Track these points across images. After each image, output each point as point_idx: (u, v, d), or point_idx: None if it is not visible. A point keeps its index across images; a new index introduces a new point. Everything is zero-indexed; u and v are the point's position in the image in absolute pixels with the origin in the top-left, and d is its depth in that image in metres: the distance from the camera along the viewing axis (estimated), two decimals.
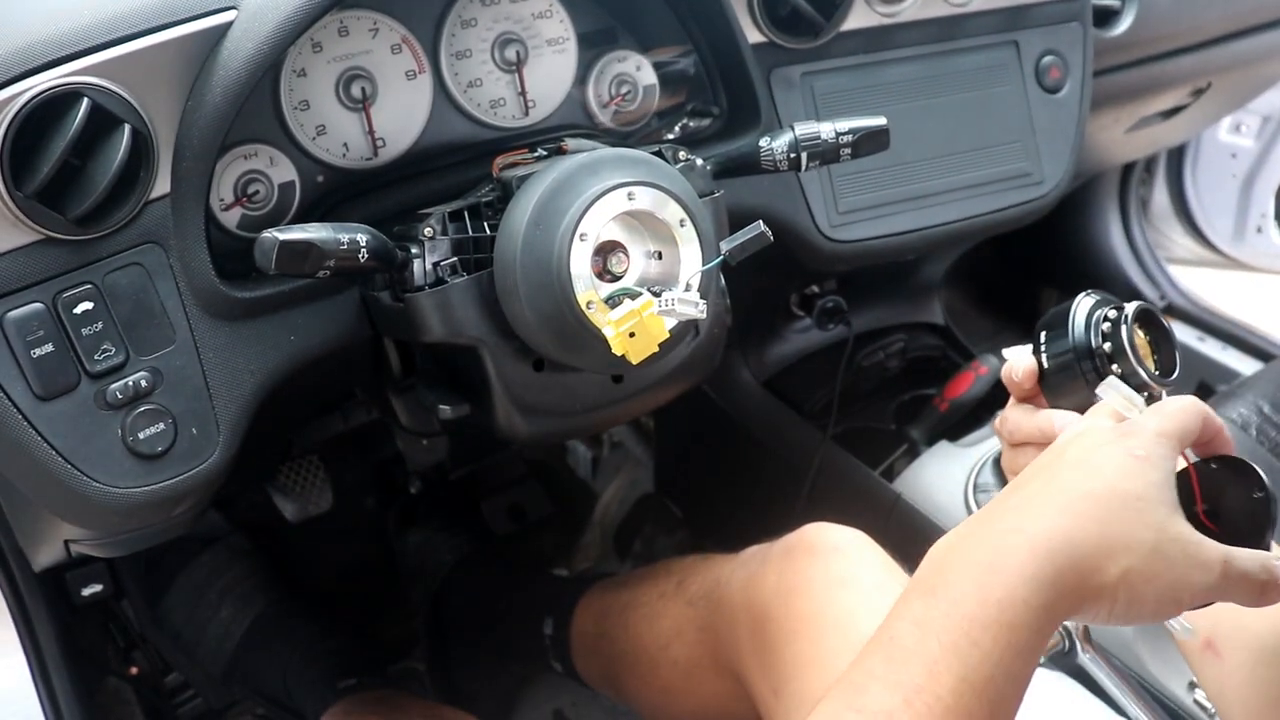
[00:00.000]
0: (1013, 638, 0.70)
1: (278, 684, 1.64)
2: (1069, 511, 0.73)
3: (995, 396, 1.62)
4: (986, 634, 0.70)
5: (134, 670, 1.71)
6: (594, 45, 1.23)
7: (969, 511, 1.41)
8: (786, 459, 1.71)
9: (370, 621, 1.87)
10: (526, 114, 1.20)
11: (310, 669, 1.61)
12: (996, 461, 1.44)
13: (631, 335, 0.89)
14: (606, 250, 0.96)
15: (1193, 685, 1.23)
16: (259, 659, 1.66)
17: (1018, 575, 0.71)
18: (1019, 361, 0.93)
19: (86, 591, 1.47)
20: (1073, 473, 0.75)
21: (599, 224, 0.93)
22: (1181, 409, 0.78)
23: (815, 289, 1.72)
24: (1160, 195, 2.44)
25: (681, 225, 0.96)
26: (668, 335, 0.91)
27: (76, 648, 1.56)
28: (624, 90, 1.24)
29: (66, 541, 1.15)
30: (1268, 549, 0.75)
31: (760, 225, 0.92)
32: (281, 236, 0.89)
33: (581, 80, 1.22)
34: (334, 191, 1.12)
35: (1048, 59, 1.42)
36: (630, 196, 0.94)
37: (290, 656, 1.64)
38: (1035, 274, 2.36)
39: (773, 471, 1.74)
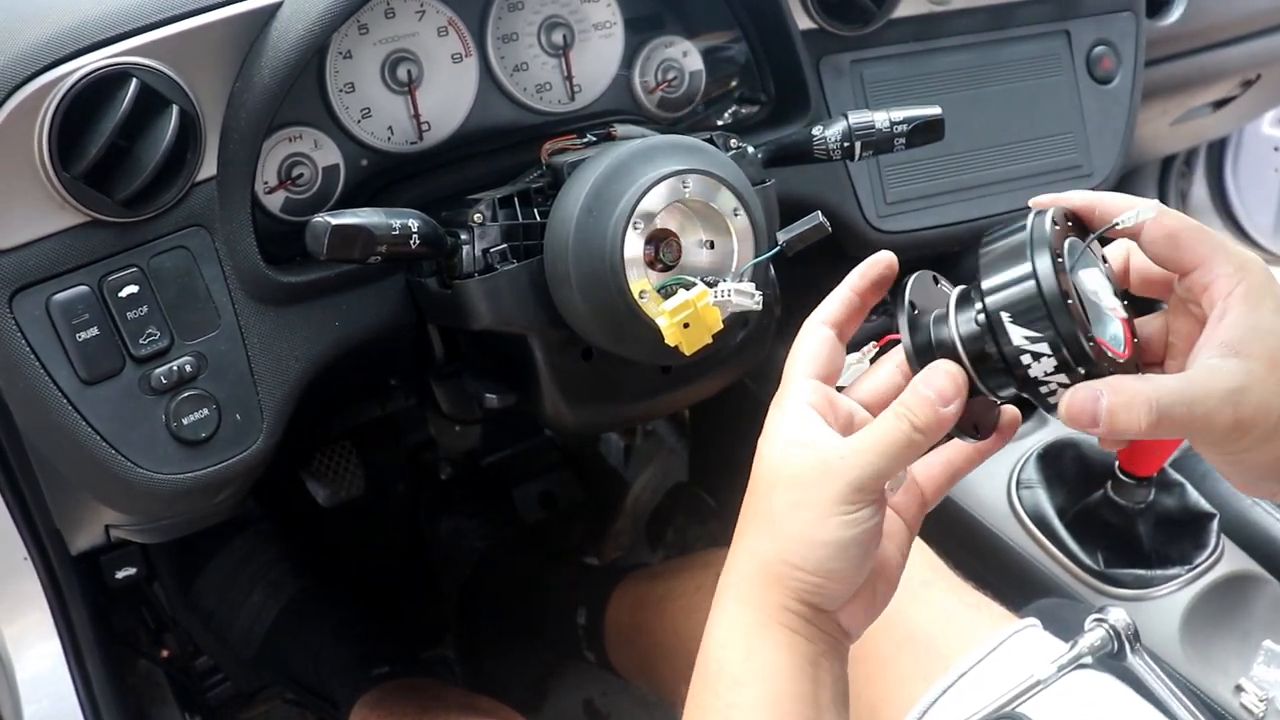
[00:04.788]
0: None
1: (308, 669, 1.64)
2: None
3: None
4: None
5: (165, 653, 1.71)
6: (641, 30, 1.21)
7: (1011, 507, 1.40)
8: None
9: (401, 608, 1.87)
10: (572, 99, 1.19)
11: (341, 655, 1.60)
12: (1040, 457, 1.42)
13: (686, 326, 0.88)
14: (658, 239, 0.95)
15: (1239, 688, 1.21)
16: (290, 644, 1.65)
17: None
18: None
19: (120, 574, 1.45)
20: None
21: (653, 213, 0.92)
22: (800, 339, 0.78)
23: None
24: (1199, 189, 2.40)
25: (735, 214, 0.95)
26: (722, 326, 0.90)
27: (109, 630, 1.56)
28: (670, 76, 1.23)
29: (107, 526, 1.15)
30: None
31: (818, 216, 0.90)
32: (334, 221, 0.87)
33: (628, 65, 1.21)
34: (378, 175, 1.11)
35: (1099, 49, 1.40)
36: (685, 185, 0.93)
37: (321, 642, 1.63)
38: None
39: None
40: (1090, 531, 1.35)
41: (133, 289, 0.94)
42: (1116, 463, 1.30)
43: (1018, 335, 0.67)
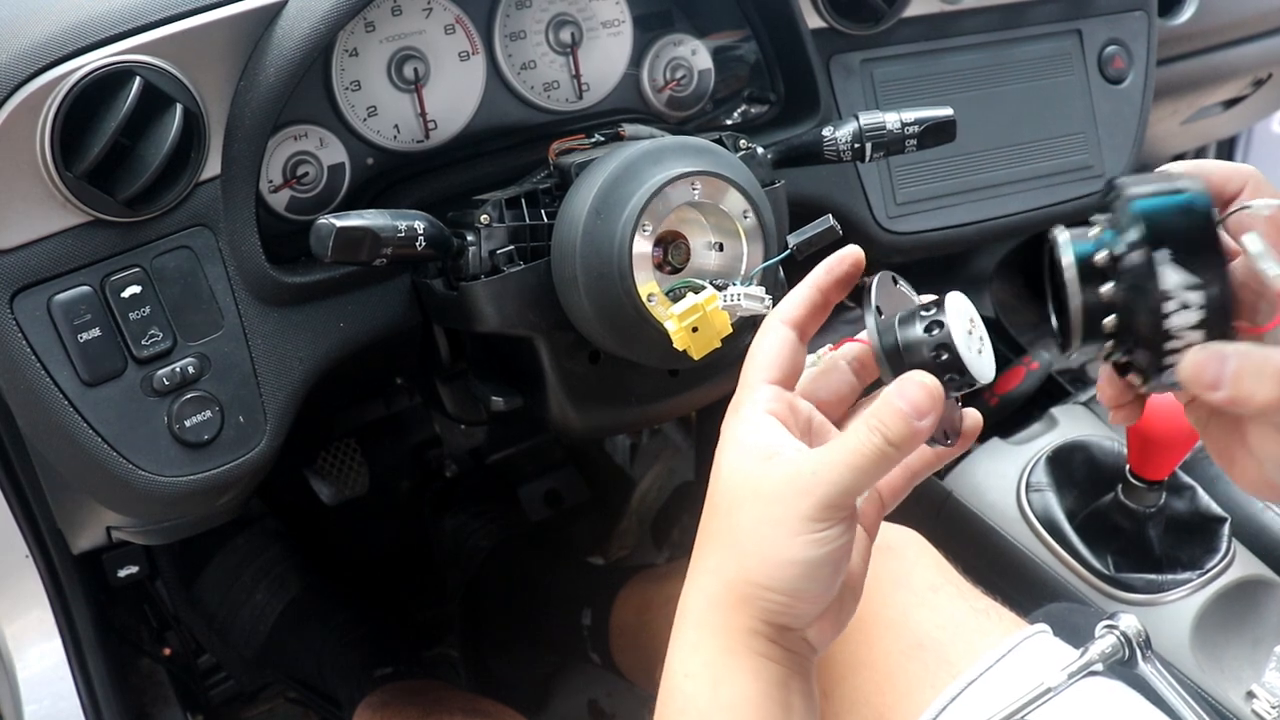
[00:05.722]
0: None
1: (311, 668, 1.63)
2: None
3: (1047, 392, 1.58)
4: None
5: (167, 651, 1.70)
6: (650, 28, 1.20)
7: (1020, 510, 1.39)
8: None
9: (405, 607, 1.86)
10: (580, 97, 1.18)
11: (345, 654, 1.59)
12: (1050, 459, 1.41)
13: (694, 330, 0.87)
14: (667, 241, 0.94)
15: (1250, 695, 1.20)
16: (293, 643, 1.65)
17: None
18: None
19: (123, 573, 1.45)
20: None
21: (662, 214, 0.90)
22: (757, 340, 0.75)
23: (866, 280, 1.69)
24: None
25: (745, 217, 0.94)
26: (730, 330, 0.89)
27: (111, 629, 1.55)
28: (679, 75, 1.22)
29: (109, 528, 1.14)
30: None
31: (829, 219, 0.89)
32: (339, 223, 0.86)
33: (636, 64, 1.20)
34: (384, 174, 1.10)
35: (1111, 49, 1.39)
36: (694, 186, 0.91)
37: (324, 641, 1.62)
38: None
39: None
40: (1100, 535, 1.34)
41: (135, 289, 0.93)
42: (1127, 466, 1.29)
43: (1173, 278, 0.62)
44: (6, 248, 0.90)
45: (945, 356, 0.70)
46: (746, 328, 1.02)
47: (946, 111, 1.06)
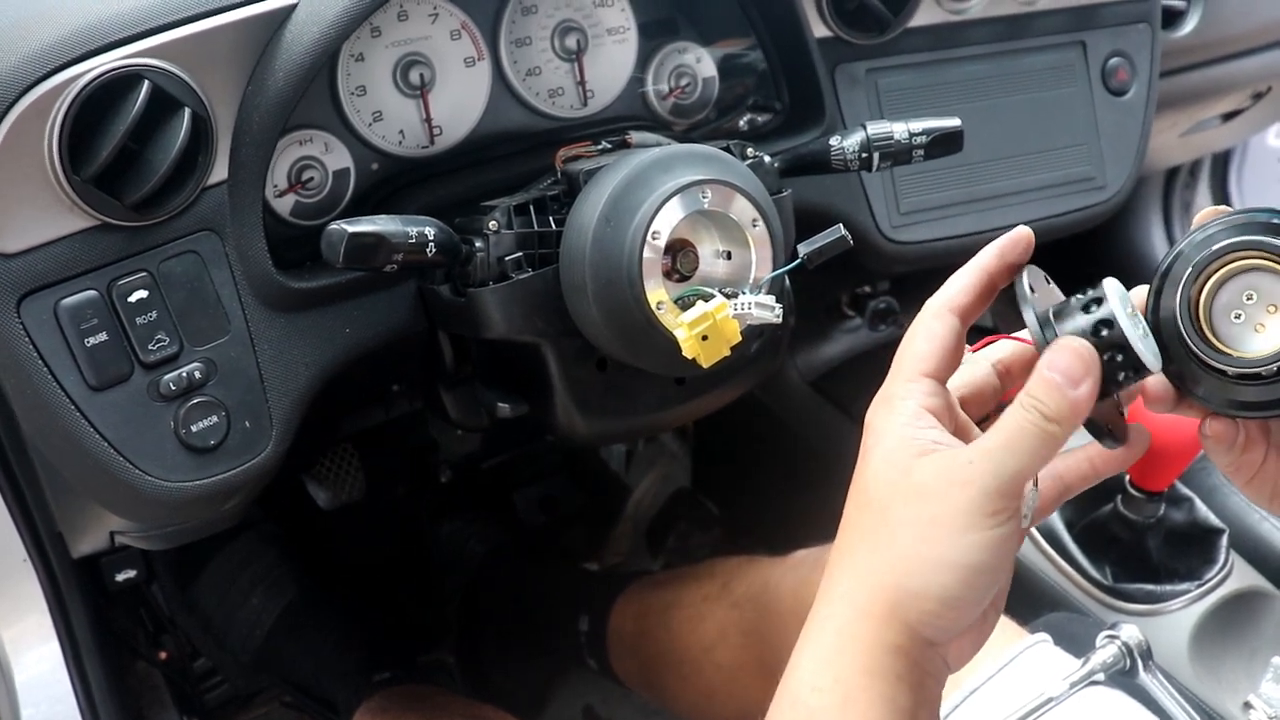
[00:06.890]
0: None
1: (307, 672, 1.62)
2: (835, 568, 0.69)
3: None
4: None
5: (163, 655, 1.69)
6: (654, 36, 1.20)
7: None
8: (831, 461, 1.67)
9: (402, 612, 1.86)
10: (585, 104, 1.18)
11: (342, 659, 1.59)
12: None
13: (704, 339, 0.86)
14: (675, 249, 0.93)
15: (1247, 705, 1.20)
16: (289, 647, 1.64)
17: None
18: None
19: (120, 577, 1.44)
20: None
21: (671, 222, 0.90)
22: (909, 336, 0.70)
23: (867, 289, 1.69)
24: (1203, 199, 2.39)
25: (754, 225, 0.94)
26: (740, 339, 0.89)
27: (109, 633, 1.55)
28: (683, 82, 1.22)
29: (112, 532, 1.13)
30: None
31: (840, 229, 0.89)
32: (350, 228, 0.86)
33: (641, 71, 1.20)
34: (389, 180, 1.10)
35: (1115, 60, 1.39)
36: (703, 195, 0.91)
37: (321, 645, 1.62)
38: (1077, 277, 2.32)
39: (816, 472, 1.71)
40: (1099, 545, 1.35)
41: (142, 294, 0.93)
42: (1126, 476, 1.29)
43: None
44: (13, 252, 0.89)
45: (1106, 333, 0.65)
46: (753, 335, 1.03)
47: (954, 122, 1.06)
